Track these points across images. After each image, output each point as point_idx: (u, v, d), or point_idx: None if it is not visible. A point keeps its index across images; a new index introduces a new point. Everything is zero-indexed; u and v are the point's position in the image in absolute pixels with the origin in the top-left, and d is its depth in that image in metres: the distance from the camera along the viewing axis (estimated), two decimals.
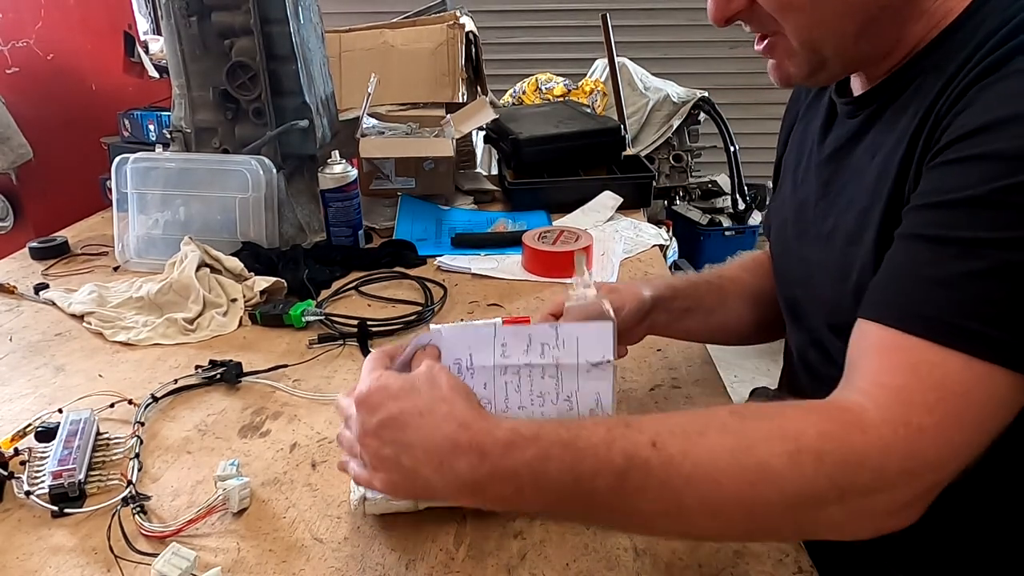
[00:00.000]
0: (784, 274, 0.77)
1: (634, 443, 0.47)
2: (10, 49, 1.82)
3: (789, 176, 0.78)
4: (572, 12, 3.46)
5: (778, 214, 0.79)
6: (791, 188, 0.76)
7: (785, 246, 0.76)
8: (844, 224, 0.63)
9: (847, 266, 0.61)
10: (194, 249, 1.10)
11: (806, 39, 0.58)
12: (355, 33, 1.73)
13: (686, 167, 2.92)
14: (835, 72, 0.62)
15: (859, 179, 0.63)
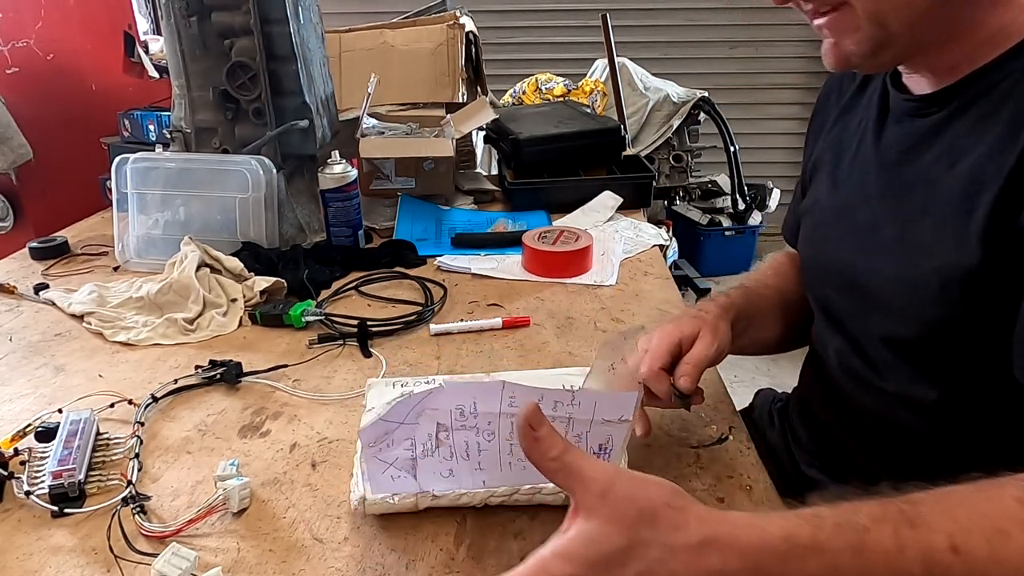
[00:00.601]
0: (820, 277, 0.75)
1: (930, 546, 0.42)
2: (10, 49, 1.82)
3: (825, 176, 0.75)
4: (572, 12, 3.46)
5: (811, 215, 0.76)
6: (828, 189, 0.73)
7: (821, 248, 0.73)
8: (915, 234, 0.60)
9: (921, 279, 0.59)
10: (194, 249, 1.10)
11: (875, 10, 0.55)
12: (355, 33, 1.73)
13: (686, 167, 2.93)
14: (898, 53, 0.58)
15: (933, 188, 0.59)
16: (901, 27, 0.55)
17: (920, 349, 0.63)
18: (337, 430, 0.77)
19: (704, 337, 0.68)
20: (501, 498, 0.63)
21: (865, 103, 0.71)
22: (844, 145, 0.73)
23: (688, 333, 0.68)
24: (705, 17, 3.47)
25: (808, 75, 3.53)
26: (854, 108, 0.73)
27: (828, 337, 0.75)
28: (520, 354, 0.92)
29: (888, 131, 0.66)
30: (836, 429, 0.76)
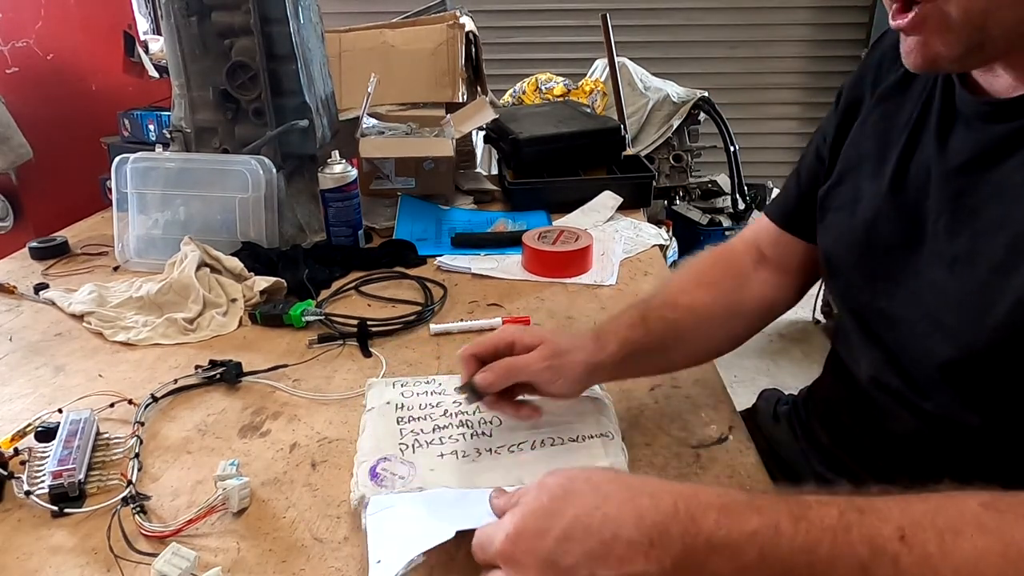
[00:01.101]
0: (858, 284, 0.69)
1: (877, 532, 0.41)
2: (10, 49, 1.82)
3: (868, 171, 0.68)
4: (572, 12, 3.46)
5: (848, 210, 0.69)
6: (874, 186, 0.67)
7: (865, 252, 0.67)
8: (988, 249, 0.55)
9: (990, 297, 0.54)
10: (194, 249, 1.10)
11: (976, 12, 0.49)
12: (355, 33, 1.73)
13: (686, 167, 2.92)
14: (989, 56, 0.54)
15: (1011, 198, 0.54)
16: (1001, 30, 0.50)
17: (971, 371, 0.58)
18: (337, 430, 0.77)
19: (536, 355, 0.66)
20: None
21: (915, 97, 0.65)
22: (891, 140, 0.66)
23: (528, 343, 0.67)
24: (705, 17, 3.47)
25: (808, 75, 3.53)
26: (897, 99, 0.67)
27: (861, 349, 0.70)
28: None
29: (957, 135, 0.60)
30: (863, 439, 0.72)
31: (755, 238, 0.84)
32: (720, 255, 0.84)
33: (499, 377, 0.65)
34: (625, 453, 0.68)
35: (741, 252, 0.84)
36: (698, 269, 0.82)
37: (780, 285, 0.82)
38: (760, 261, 0.83)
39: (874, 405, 0.69)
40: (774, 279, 0.82)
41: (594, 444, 0.68)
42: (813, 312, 2.91)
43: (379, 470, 0.65)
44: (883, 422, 0.68)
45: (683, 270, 0.83)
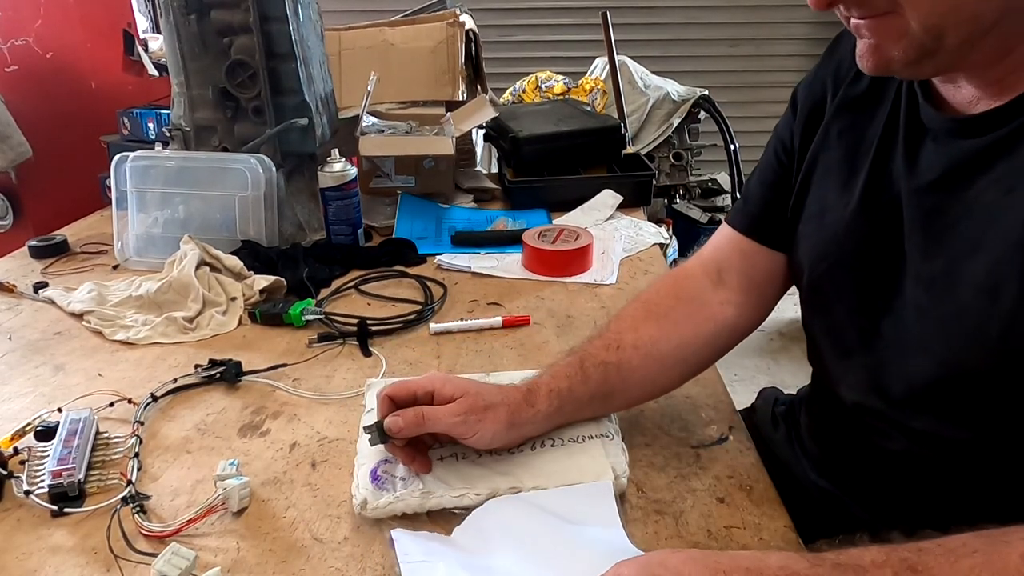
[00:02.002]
0: (832, 302, 0.67)
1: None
2: (9, 47, 1.82)
3: (835, 184, 0.66)
4: (572, 10, 3.45)
5: (820, 226, 0.67)
6: (841, 201, 0.65)
7: (838, 271, 0.65)
8: (967, 271, 0.54)
9: (977, 320, 0.53)
10: (193, 248, 1.10)
11: (933, 23, 0.49)
12: (355, 31, 1.72)
13: (686, 165, 2.92)
14: (941, 65, 0.53)
15: (987, 218, 0.53)
16: (959, 41, 0.50)
17: (960, 391, 0.57)
18: (337, 429, 0.77)
19: (452, 408, 0.63)
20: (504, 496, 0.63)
21: (882, 108, 0.63)
22: (859, 152, 0.64)
23: (448, 394, 0.65)
24: (705, 15, 3.47)
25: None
26: (863, 109, 0.65)
27: (839, 369, 0.69)
28: (520, 353, 0.92)
29: (926, 151, 0.58)
30: (852, 455, 0.72)
31: (714, 255, 0.79)
32: (673, 281, 0.79)
33: (408, 425, 0.63)
34: (625, 453, 0.68)
35: (697, 274, 0.79)
36: (647, 299, 0.77)
37: (744, 303, 0.77)
38: (719, 282, 0.77)
39: (860, 424, 0.68)
40: (737, 298, 0.76)
41: (594, 445, 0.68)
42: None
43: (380, 472, 0.65)
44: (871, 439, 0.67)
45: (632, 303, 0.78)
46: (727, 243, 0.78)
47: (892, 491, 0.69)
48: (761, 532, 0.61)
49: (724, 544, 0.60)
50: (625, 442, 0.70)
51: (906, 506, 0.67)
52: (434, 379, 0.67)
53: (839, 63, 0.69)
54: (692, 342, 0.74)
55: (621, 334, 0.73)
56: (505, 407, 0.65)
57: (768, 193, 0.75)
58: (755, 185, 0.77)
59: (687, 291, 0.77)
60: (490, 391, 0.67)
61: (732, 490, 0.66)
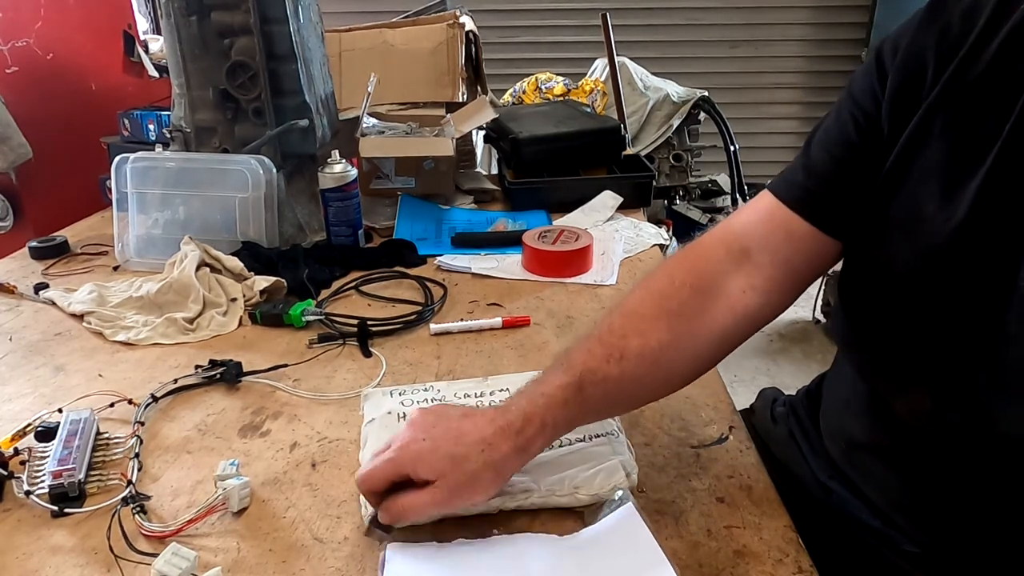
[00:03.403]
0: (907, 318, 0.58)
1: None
2: (10, 49, 1.82)
3: (931, 190, 0.55)
4: (572, 12, 3.46)
5: (902, 232, 0.57)
6: (938, 213, 0.55)
7: (915, 285, 0.56)
8: None
9: None
10: (194, 248, 1.10)
11: None
12: (355, 32, 1.73)
13: (686, 166, 2.92)
14: None
15: None
16: None
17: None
18: (337, 430, 0.77)
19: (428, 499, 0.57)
20: (516, 503, 0.62)
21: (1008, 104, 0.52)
22: (969, 155, 0.53)
23: (423, 477, 0.57)
24: (705, 16, 3.47)
25: (808, 75, 3.53)
26: (976, 96, 0.53)
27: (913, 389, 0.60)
28: (520, 354, 0.92)
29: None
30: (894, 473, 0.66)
31: (744, 230, 0.68)
32: (687, 267, 0.68)
33: (395, 520, 0.59)
34: (632, 451, 0.68)
35: (718, 254, 0.68)
36: (658, 291, 0.67)
37: (771, 290, 0.66)
38: (743, 261, 0.67)
39: (906, 433, 0.62)
40: (763, 283, 0.66)
41: (602, 443, 0.68)
42: (813, 312, 2.91)
43: None
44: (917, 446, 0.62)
45: (641, 292, 0.68)
46: (767, 218, 0.66)
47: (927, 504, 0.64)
48: (761, 532, 0.61)
49: (724, 544, 0.60)
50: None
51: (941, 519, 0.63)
52: (402, 462, 0.58)
53: (944, 29, 0.56)
54: (706, 340, 0.66)
55: (626, 339, 0.63)
56: (491, 470, 0.58)
57: (837, 169, 0.63)
58: (820, 155, 0.64)
59: (705, 277, 0.67)
60: (470, 452, 0.58)
61: (732, 490, 0.66)
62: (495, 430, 0.59)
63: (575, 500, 0.63)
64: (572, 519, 0.62)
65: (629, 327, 0.65)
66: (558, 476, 0.64)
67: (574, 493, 0.63)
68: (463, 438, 0.59)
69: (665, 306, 0.65)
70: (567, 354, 0.65)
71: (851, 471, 0.72)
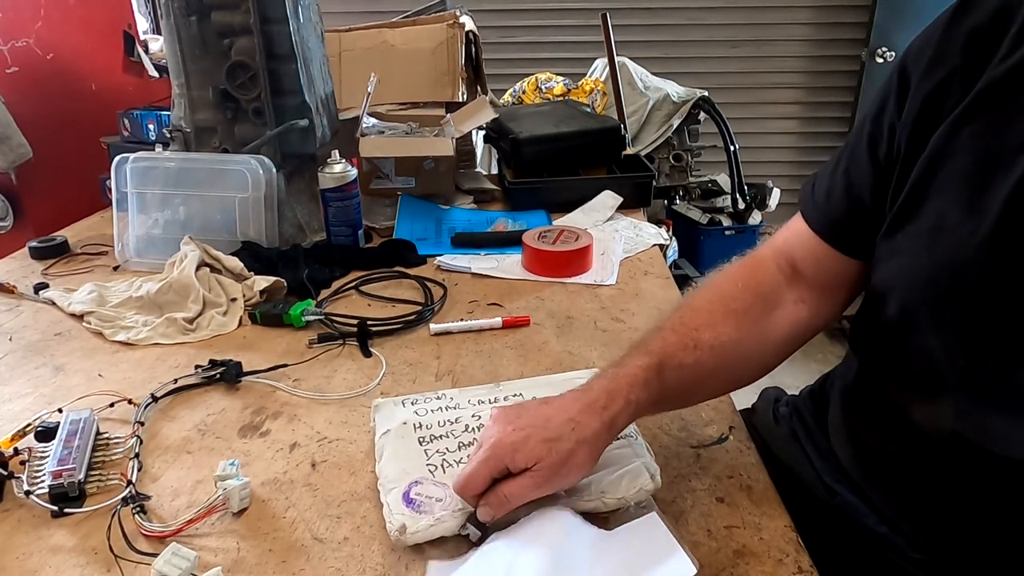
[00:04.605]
0: (926, 339, 0.57)
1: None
2: (10, 48, 1.82)
3: (957, 198, 0.54)
4: (572, 11, 3.46)
5: (922, 243, 0.56)
6: (962, 224, 0.53)
7: (935, 301, 0.55)
8: None
9: None
10: (194, 248, 1.10)
11: None
12: (355, 32, 1.73)
13: (686, 166, 2.92)
14: None
15: None
16: None
17: None
18: (337, 430, 0.77)
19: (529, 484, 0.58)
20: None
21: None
22: (998, 163, 0.51)
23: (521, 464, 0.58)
24: (705, 16, 3.47)
25: (808, 75, 3.52)
26: (1005, 99, 0.51)
27: (913, 396, 0.61)
28: (520, 354, 0.92)
29: None
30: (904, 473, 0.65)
31: (788, 248, 0.72)
32: (749, 275, 0.72)
33: (499, 511, 0.59)
34: (650, 452, 0.68)
35: (772, 268, 0.71)
36: (724, 293, 0.70)
37: (819, 303, 0.70)
38: (794, 277, 0.71)
39: (921, 445, 0.62)
40: (811, 298, 0.70)
41: (621, 446, 0.67)
42: None
43: (413, 495, 0.62)
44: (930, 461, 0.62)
45: (707, 292, 0.71)
46: (801, 239, 0.70)
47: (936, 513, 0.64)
48: (761, 532, 0.61)
49: (724, 544, 0.60)
50: None
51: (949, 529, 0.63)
52: (500, 456, 0.59)
53: (974, 31, 0.53)
54: (770, 343, 0.69)
55: (699, 331, 0.66)
56: (585, 446, 0.59)
57: (856, 195, 0.64)
58: (840, 181, 0.66)
59: (764, 286, 0.70)
60: (561, 433, 0.59)
61: (732, 490, 0.66)
62: (580, 408, 0.61)
63: (602, 505, 0.62)
64: (600, 525, 0.61)
65: (700, 321, 0.67)
66: (584, 481, 0.63)
67: (601, 498, 0.62)
68: (551, 422, 0.60)
69: (732, 306, 0.68)
70: (643, 342, 0.67)
71: (859, 476, 0.71)
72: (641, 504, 0.62)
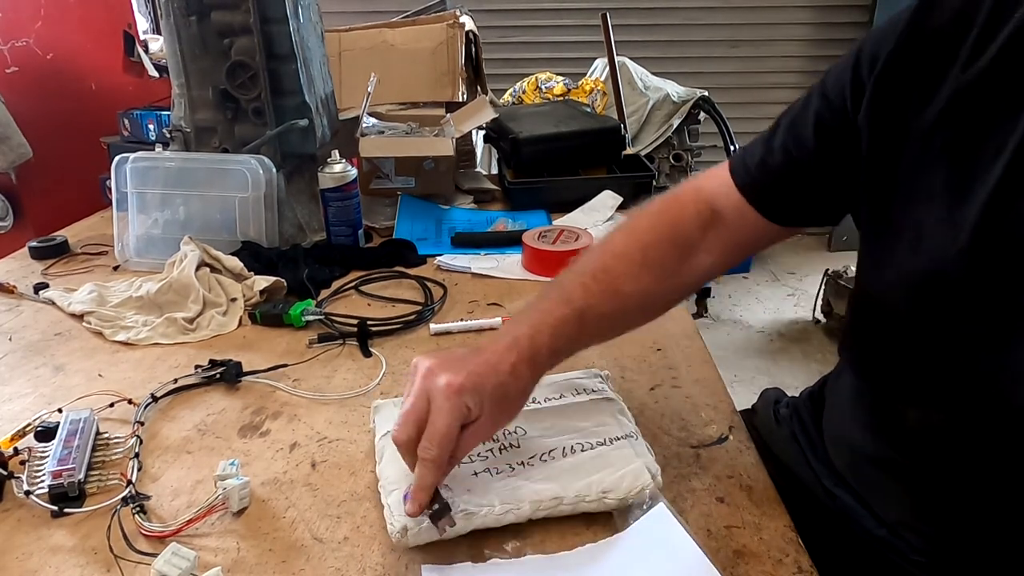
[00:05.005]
0: (914, 338, 0.57)
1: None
2: (10, 48, 1.82)
3: (933, 208, 0.53)
4: (572, 11, 3.46)
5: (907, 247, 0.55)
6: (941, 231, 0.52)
7: (920, 304, 0.55)
8: None
9: None
10: (194, 248, 1.10)
11: None
12: (355, 32, 1.73)
13: (686, 166, 2.92)
14: None
15: None
16: None
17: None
18: (337, 430, 0.77)
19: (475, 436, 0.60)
20: (546, 511, 0.62)
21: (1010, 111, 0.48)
22: (974, 171, 0.50)
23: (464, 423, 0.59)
24: (705, 16, 3.47)
25: (808, 75, 3.52)
26: (975, 106, 0.50)
27: (905, 401, 0.61)
28: None
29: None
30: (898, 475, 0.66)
31: (713, 199, 0.73)
32: (668, 222, 0.73)
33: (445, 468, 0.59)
34: (651, 451, 0.68)
35: (692, 214, 0.72)
36: (644, 243, 0.72)
37: (721, 255, 0.73)
38: (711, 226, 0.72)
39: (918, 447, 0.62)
40: (724, 248, 0.72)
41: (623, 445, 0.67)
42: (813, 312, 2.91)
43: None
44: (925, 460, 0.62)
45: (627, 236, 0.73)
46: (729, 196, 0.71)
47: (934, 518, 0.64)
48: (761, 532, 0.61)
49: (724, 544, 0.60)
50: None
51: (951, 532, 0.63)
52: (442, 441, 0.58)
53: (936, 33, 0.53)
54: (680, 289, 0.74)
55: (620, 281, 0.69)
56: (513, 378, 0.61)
57: (790, 168, 0.66)
58: (779, 147, 0.66)
59: (681, 236, 0.72)
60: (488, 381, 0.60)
61: (732, 490, 0.66)
62: (515, 354, 0.62)
63: (604, 505, 0.62)
64: (602, 524, 0.62)
65: (620, 269, 0.70)
66: (585, 482, 0.63)
67: (602, 498, 0.62)
68: (495, 368, 0.61)
69: (650, 255, 0.71)
70: (561, 287, 0.69)
71: (855, 481, 0.72)
72: (646, 503, 0.62)
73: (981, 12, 0.51)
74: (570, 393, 0.76)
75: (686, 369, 0.87)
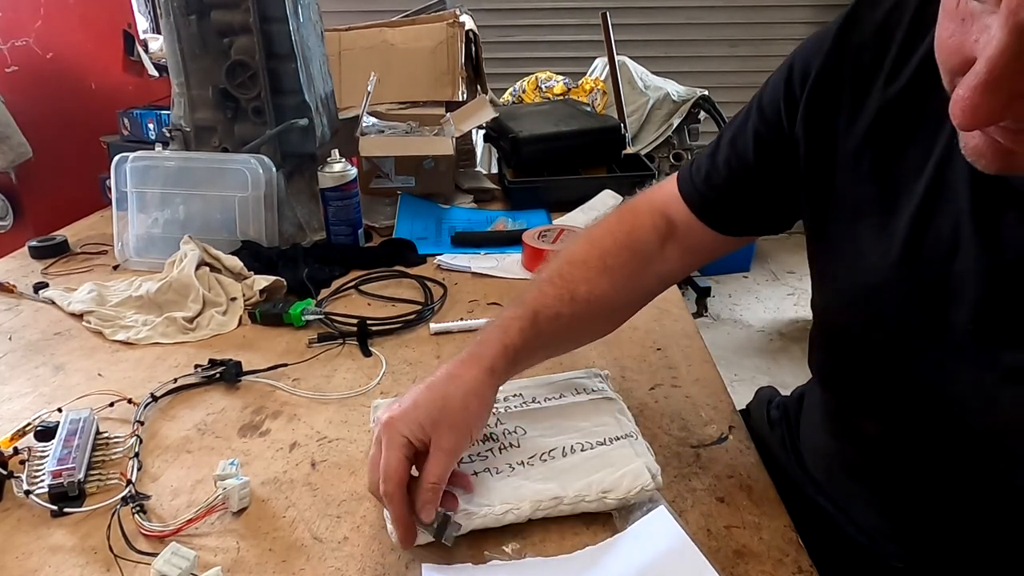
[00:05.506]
0: (861, 357, 0.59)
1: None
2: (9, 48, 1.82)
3: (866, 226, 0.55)
4: (572, 11, 3.46)
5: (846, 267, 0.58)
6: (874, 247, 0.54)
7: (864, 322, 0.57)
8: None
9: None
10: (193, 248, 1.10)
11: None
12: (355, 32, 1.73)
13: None
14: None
15: None
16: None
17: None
18: (337, 429, 0.77)
19: (443, 462, 0.58)
20: (546, 511, 0.62)
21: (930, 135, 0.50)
22: (900, 188, 0.52)
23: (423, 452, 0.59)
24: (705, 15, 3.47)
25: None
26: (897, 126, 0.52)
27: (863, 413, 0.63)
28: None
29: (1009, 223, 0.47)
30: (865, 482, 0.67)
31: (666, 210, 0.74)
32: (626, 231, 0.74)
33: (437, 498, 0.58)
34: (651, 451, 0.68)
35: (648, 225, 0.74)
36: (602, 249, 0.73)
37: (687, 261, 0.75)
38: (668, 236, 0.74)
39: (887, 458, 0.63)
40: (681, 256, 0.74)
41: (623, 445, 0.67)
42: None
43: None
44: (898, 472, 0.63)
45: (586, 245, 0.74)
46: (679, 210, 0.73)
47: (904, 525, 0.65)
48: (761, 532, 0.61)
49: (724, 544, 0.60)
50: None
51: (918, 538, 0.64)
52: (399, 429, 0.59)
53: (861, 47, 0.54)
54: (639, 295, 0.75)
55: (575, 284, 0.70)
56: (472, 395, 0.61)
57: (733, 185, 0.68)
58: (721, 166, 0.68)
59: (639, 243, 0.74)
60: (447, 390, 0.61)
61: (732, 490, 0.66)
62: (458, 364, 0.64)
63: (604, 504, 0.62)
64: (602, 524, 0.62)
65: (578, 275, 0.71)
66: (585, 482, 0.63)
67: (602, 498, 0.62)
68: (434, 386, 0.62)
69: (608, 262, 0.72)
70: (519, 296, 0.70)
71: (831, 489, 0.72)
72: (646, 503, 0.62)
73: (900, 28, 0.52)
74: (570, 393, 0.76)
75: (686, 369, 0.87)
